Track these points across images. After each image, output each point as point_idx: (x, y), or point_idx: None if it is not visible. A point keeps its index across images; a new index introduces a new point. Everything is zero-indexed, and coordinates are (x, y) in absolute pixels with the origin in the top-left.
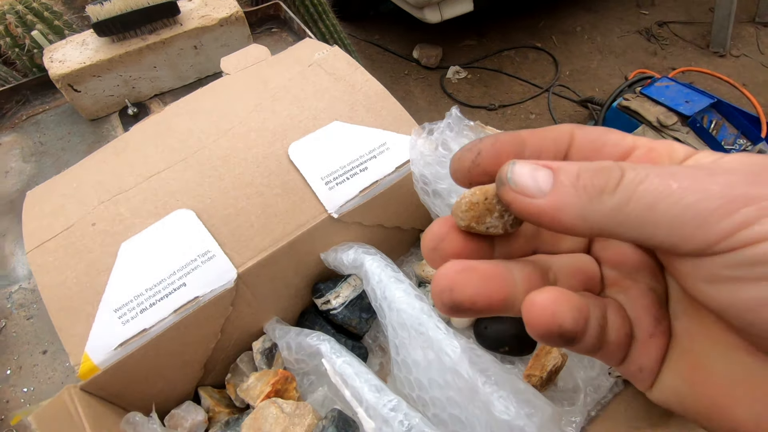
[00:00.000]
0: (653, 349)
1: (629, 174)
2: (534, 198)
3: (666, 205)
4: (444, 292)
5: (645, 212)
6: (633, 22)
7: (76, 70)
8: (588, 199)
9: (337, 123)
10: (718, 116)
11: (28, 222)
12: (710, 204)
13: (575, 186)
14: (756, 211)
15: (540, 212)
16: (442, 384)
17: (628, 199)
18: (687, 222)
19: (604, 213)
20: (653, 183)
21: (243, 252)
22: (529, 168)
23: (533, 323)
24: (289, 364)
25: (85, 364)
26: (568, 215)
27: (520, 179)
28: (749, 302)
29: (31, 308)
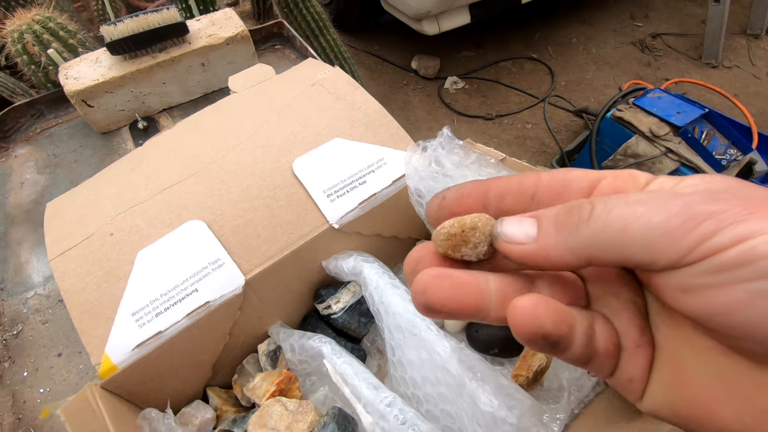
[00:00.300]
0: (641, 359)
1: (599, 205)
2: (525, 244)
3: (636, 226)
4: (418, 294)
5: (619, 235)
6: (627, 33)
7: (90, 87)
8: (569, 233)
9: (338, 140)
10: (709, 126)
11: (50, 231)
12: (674, 221)
13: (555, 225)
14: (714, 224)
15: (533, 255)
16: (434, 381)
17: (603, 225)
18: (657, 239)
19: (584, 242)
20: (622, 209)
21: (250, 260)
22: (515, 220)
23: (516, 326)
24: (293, 365)
25: (105, 363)
26: (556, 251)
27: (508, 230)
28: (720, 307)
29: (46, 313)
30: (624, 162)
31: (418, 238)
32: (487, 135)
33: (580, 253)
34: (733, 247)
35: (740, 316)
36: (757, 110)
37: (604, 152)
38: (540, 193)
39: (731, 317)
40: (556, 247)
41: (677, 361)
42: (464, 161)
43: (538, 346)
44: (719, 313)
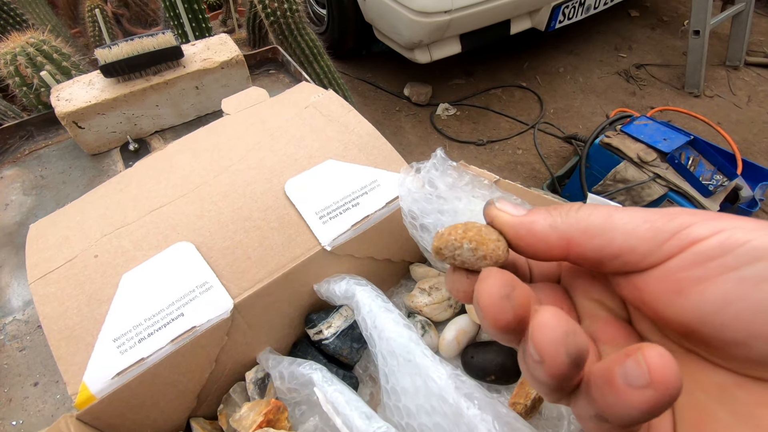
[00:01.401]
0: (661, 425)
1: (586, 206)
2: (512, 215)
3: (619, 216)
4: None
5: (603, 221)
6: (612, 64)
7: (82, 108)
8: (557, 215)
9: (331, 161)
10: (695, 153)
11: (32, 254)
12: (653, 216)
13: (547, 210)
14: (689, 217)
15: (519, 223)
16: (429, 410)
17: (589, 213)
18: (638, 226)
19: (569, 222)
20: (607, 209)
21: (239, 283)
22: (511, 202)
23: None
24: (282, 394)
25: (83, 393)
26: (541, 225)
27: (501, 203)
28: (715, 302)
29: (24, 340)
30: (613, 187)
31: (411, 261)
32: (478, 160)
33: (562, 231)
34: (712, 237)
35: (733, 310)
36: (740, 137)
37: (594, 177)
38: None
39: (725, 313)
40: (542, 223)
41: (694, 411)
42: (458, 183)
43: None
44: (713, 311)
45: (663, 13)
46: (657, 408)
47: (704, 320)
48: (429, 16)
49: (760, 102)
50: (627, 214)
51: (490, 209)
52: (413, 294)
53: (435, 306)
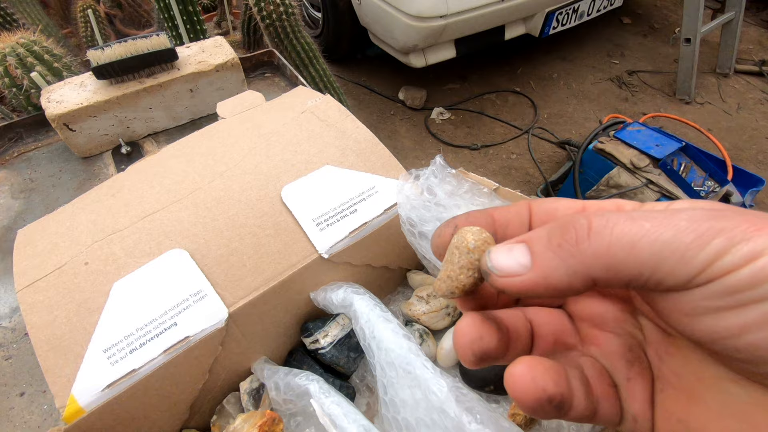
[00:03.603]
0: (636, 393)
1: (596, 220)
2: (521, 275)
3: (646, 243)
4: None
5: (627, 253)
6: (605, 70)
7: (73, 110)
8: (568, 255)
9: (328, 167)
10: (686, 159)
11: (20, 260)
12: (685, 238)
13: (551, 248)
14: (725, 242)
15: (533, 285)
16: (429, 423)
17: (607, 243)
18: (668, 257)
19: (588, 261)
20: (626, 225)
21: (235, 291)
22: (504, 250)
23: (519, 395)
24: (277, 405)
25: (71, 406)
26: (558, 276)
27: (499, 263)
28: (731, 329)
29: (10, 348)
30: (607, 192)
31: (409, 268)
32: (473, 165)
33: (584, 274)
34: (745, 267)
35: (749, 338)
36: (730, 144)
37: (588, 183)
38: (533, 222)
39: (739, 340)
40: (557, 273)
41: (684, 392)
42: (457, 190)
43: (545, 410)
44: (727, 336)
45: (654, 20)
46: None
47: (715, 341)
48: (424, 21)
49: (750, 109)
50: (654, 236)
51: (495, 281)
52: (411, 302)
53: (433, 314)
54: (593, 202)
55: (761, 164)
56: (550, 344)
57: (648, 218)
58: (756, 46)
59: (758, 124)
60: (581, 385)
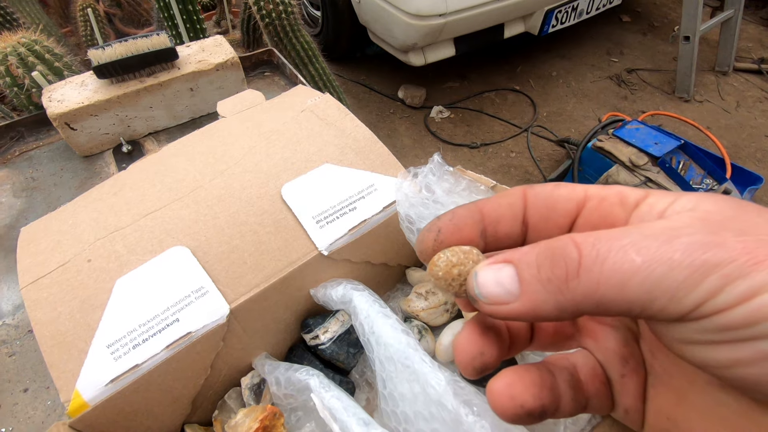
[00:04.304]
0: (629, 388)
1: (587, 253)
2: (508, 304)
3: (636, 283)
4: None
5: (617, 292)
6: (604, 68)
7: (74, 110)
8: (558, 291)
9: (327, 165)
10: (685, 157)
11: (23, 258)
12: (677, 276)
13: (540, 281)
14: (718, 280)
15: (521, 315)
16: (428, 416)
17: (597, 282)
18: (659, 296)
19: (577, 299)
20: (617, 259)
21: (236, 288)
22: (491, 273)
23: (498, 411)
24: (278, 400)
25: (75, 400)
26: (547, 310)
27: (487, 291)
28: (723, 363)
29: (13, 345)
30: None
31: (407, 265)
32: (472, 163)
33: (572, 311)
34: (739, 306)
35: (742, 372)
36: (729, 142)
37: (587, 181)
38: (528, 215)
39: (731, 372)
40: (545, 307)
41: (674, 391)
42: (455, 188)
43: (525, 422)
44: (719, 367)
45: (654, 18)
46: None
47: (707, 368)
48: (423, 19)
49: (749, 107)
50: (644, 274)
51: (482, 307)
52: (410, 298)
53: (431, 310)
54: (595, 193)
55: (760, 162)
56: (550, 336)
57: (640, 249)
58: (755, 44)
59: (757, 122)
60: (569, 388)
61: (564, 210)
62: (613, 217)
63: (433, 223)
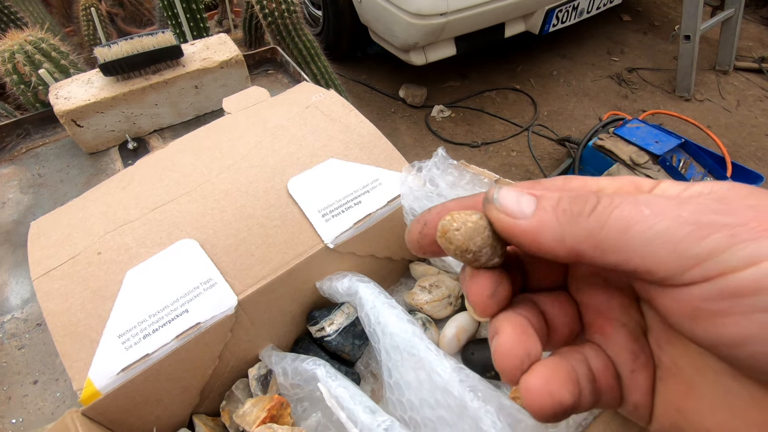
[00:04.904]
0: (639, 384)
1: (604, 200)
2: (517, 219)
3: (638, 230)
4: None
5: (618, 236)
6: (604, 67)
7: (81, 107)
8: (566, 222)
9: (332, 160)
10: (686, 156)
11: (34, 250)
12: (681, 230)
13: (555, 210)
14: (726, 239)
15: (522, 233)
16: (433, 403)
17: (603, 223)
18: (659, 247)
19: (580, 236)
20: (626, 209)
21: (243, 280)
22: (514, 192)
23: (536, 409)
24: (285, 390)
25: (88, 389)
26: (547, 237)
27: (505, 201)
28: (733, 338)
29: (23, 338)
30: None
31: (411, 259)
32: (473, 162)
33: (572, 247)
34: (747, 269)
35: (750, 350)
36: (730, 141)
37: None
38: None
39: (741, 349)
40: (548, 234)
41: (683, 383)
42: (459, 181)
43: (557, 419)
44: (728, 344)
45: (654, 17)
46: None
47: (717, 347)
48: (424, 19)
49: (749, 106)
50: (648, 223)
51: (491, 211)
52: (414, 292)
53: (435, 303)
54: (607, 181)
55: (760, 161)
56: (566, 336)
57: (651, 204)
58: (756, 43)
59: (757, 121)
60: (588, 382)
61: None
62: None
63: (422, 214)
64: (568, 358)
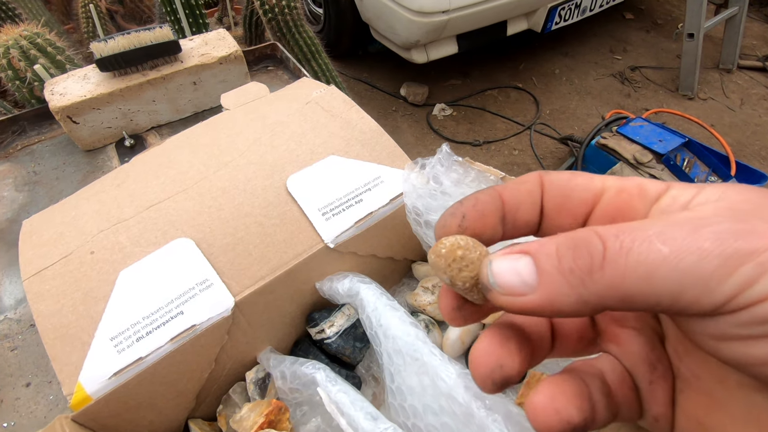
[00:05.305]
0: (658, 396)
1: (611, 246)
2: (525, 295)
3: (664, 274)
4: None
5: (643, 284)
6: (607, 66)
7: (77, 103)
8: (580, 283)
9: (333, 157)
10: (689, 155)
11: (26, 250)
12: (708, 265)
13: (561, 272)
14: (754, 269)
15: (537, 308)
16: (437, 410)
17: (622, 274)
18: (689, 288)
19: (601, 293)
20: (642, 251)
21: (241, 280)
22: (507, 263)
23: (542, 428)
24: (283, 394)
25: (78, 393)
26: (568, 304)
27: (503, 280)
28: (759, 358)
29: (16, 339)
30: None
31: (414, 259)
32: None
33: (595, 304)
34: None
35: None
36: (733, 140)
37: None
38: (544, 202)
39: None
40: (566, 300)
41: (704, 394)
42: (463, 179)
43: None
44: (757, 364)
45: (657, 16)
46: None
47: (743, 366)
48: (426, 16)
49: (753, 105)
50: (671, 265)
51: (496, 298)
52: (416, 293)
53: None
54: (613, 184)
55: (765, 160)
56: (574, 342)
57: (666, 239)
58: (760, 41)
59: (761, 120)
60: (603, 397)
61: (580, 200)
62: (631, 210)
63: (455, 207)
64: (579, 372)
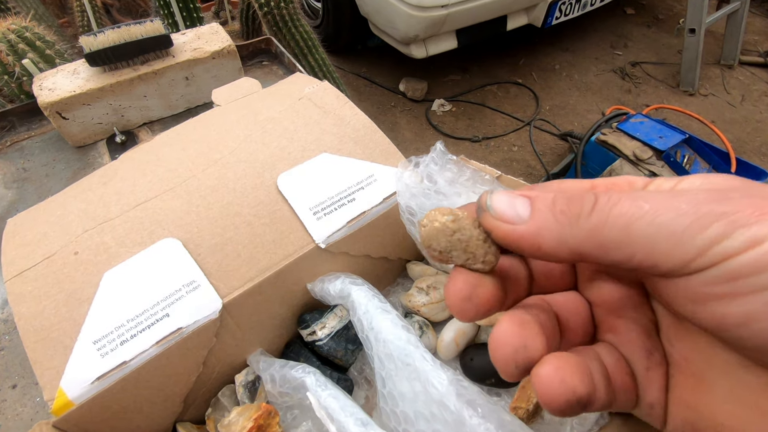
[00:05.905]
0: (654, 381)
1: (602, 199)
2: (514, 225)
3: (641, 225)
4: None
5: (621, 233)
6: (608, 61)
7: (66, 98)
8: (566, 224)
9: (325, 155)
10: (690, 151)
11: (8, 250)
12: (682, 221)
13: (552, 211)
14: (725, 226)
15: (520, 238)
16: (429, 417)
17: (604, 222)
18: (662, 240)
19: (582, 237)
20: (625, 205)
21: (229, 282)
22: (507, 196)
23: (547, 398)
24: (273, 398)
25: (60, 399)
26: (548, 240)
27: (499, 207)
28: (737, 318)
29: (2, 339)
30: None
31: (408, 259)
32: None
33: (575, 248)
34: (746, 252)
35: (755, 328)
36: (734, 136)
37: (590, 175)
38: None
39: (745, 329)
40: (548, 236)
41: (693, 377)
42: (458, 178)
43: (573, 411)
44: (732, 325)
45: (658, 11)
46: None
47: (722, 329)
48: (426, 11)
49: (754, 101)
50: (649, 218)
51: (486, 219)
52: (410, 293)
53: (433, 306)
54: (602, 181)
55: (765, 156)
56: (580, 337)
57: (649, 199)
58: (761, 37)
59: (762, 116)
60: (602, 378)
61: None
62: None
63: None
64: (580, 353)
